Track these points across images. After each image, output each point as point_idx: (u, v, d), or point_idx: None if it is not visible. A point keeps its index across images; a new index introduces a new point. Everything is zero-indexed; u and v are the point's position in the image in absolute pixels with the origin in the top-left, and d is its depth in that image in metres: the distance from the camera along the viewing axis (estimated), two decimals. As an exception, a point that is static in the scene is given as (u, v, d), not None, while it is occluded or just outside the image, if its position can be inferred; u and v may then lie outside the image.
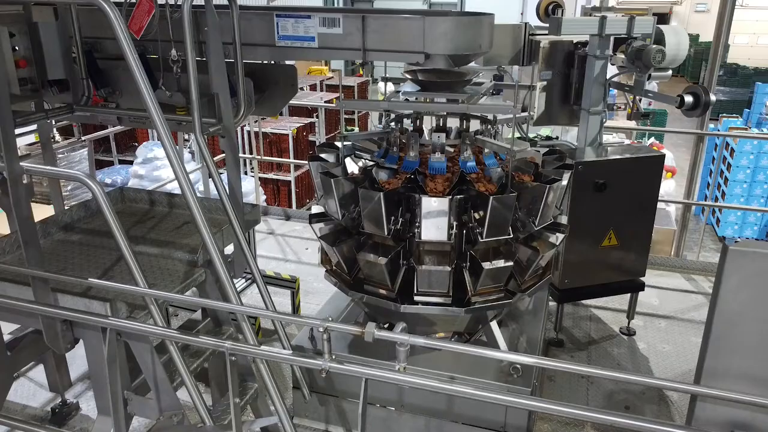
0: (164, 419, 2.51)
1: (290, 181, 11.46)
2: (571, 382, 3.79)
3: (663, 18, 27.34)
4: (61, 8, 3.06)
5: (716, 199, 11.84)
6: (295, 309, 4.32)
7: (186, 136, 12.16)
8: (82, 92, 3.23)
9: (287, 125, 11.65)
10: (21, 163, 2.16)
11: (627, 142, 8.90)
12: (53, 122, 4.25)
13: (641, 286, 4.11)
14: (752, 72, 21.97)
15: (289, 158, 10.98)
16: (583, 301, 4.66)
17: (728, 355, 1.59)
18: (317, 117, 13.36)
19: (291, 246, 5.75)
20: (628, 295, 4.25)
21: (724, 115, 14.60)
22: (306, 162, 11.67)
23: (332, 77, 17.11)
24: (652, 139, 13.82)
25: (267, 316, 2.45)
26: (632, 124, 8.98)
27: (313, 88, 15.73)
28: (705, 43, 29.33)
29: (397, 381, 1.84)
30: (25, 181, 2.15)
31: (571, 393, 3.71)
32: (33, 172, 2.20)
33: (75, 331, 2.48)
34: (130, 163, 11.48)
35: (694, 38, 30.09)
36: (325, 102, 12.89)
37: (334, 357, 1.88)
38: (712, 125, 13.61)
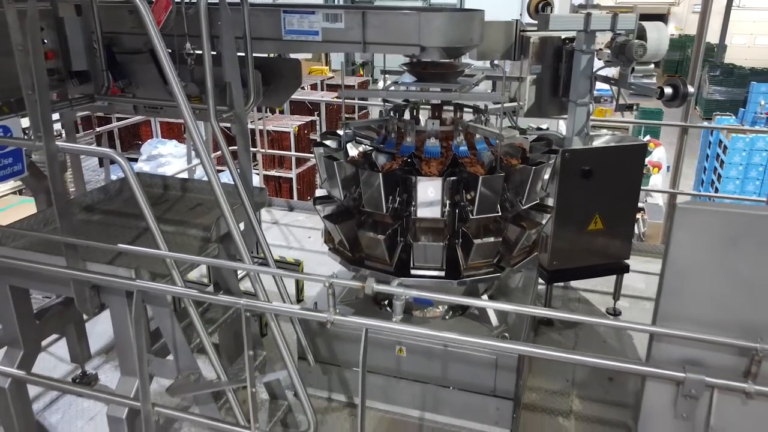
0: (182, 378, 2.75)
1: (292, 178, 11.74)
2: (559, 357, 4.03)
3: (661, 18, 27.55)
4: (84, 5, 3.31)
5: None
6: (299, 290, 4.57)
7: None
8: (102, 83, 3.48)
9: (289, 123, 11.93)
10: (56, 143, 2.41)
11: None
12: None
13: (626, 268, 4.35)
14: (748, 72, 22.21)
15: (292, 158, 11.33)
16: (572, 284, 4.90)
17: (679, 301, 1.83)
18: (318, 115, 13.64)
19: (294, 235, 6.00)
20: (614, 279, 4.49)
21: (718, 113, 14.84)
22: (306, 160, 11.96)
23: (333, 77, 17.41)
24: (648, 137, 14.09)
25: (275, 273, 2.70)
26: (628, 119, 9.24)
27: (314, 87, 16.03)
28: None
29: (394, 330, 2.08)
30: (60, 159, 2.40)
31: (559, 366, 3.94)
32: (67, 150, 2.46)
33: (101, 297, 2.72)
34: (135, 160, 11.74)
35: (691, 39, 30.30)
36: (325, 102, 13.20)
37: (337, 311, 2.12)
38: (706, 123, 13.87)
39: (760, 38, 30.63)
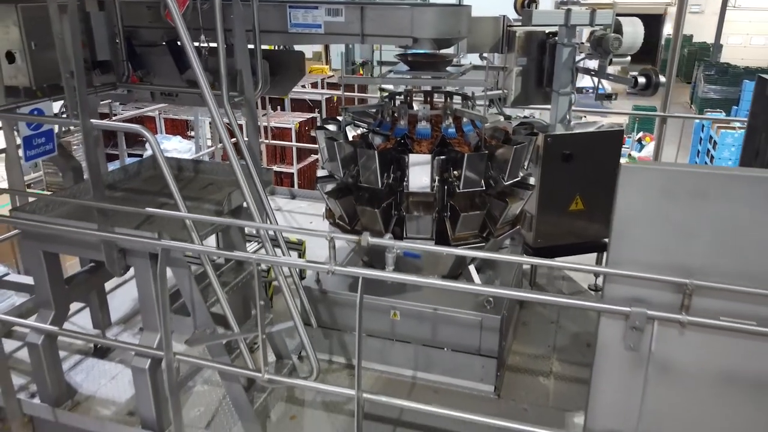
0: (199, 332, 3.09)
1: (293, 173, 12.08)
2: (542, 326, 4.37)
3: (658, 19, 27.86)
4: (107, 0, 3.64)
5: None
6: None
7: (191, 133, 12.83)
8: (123, 72, 3.81)
9: (290, 119, 12.29)
10: (90, 120, 2.74)
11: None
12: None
13: (605, 247, 4.68)
14: (742, 71, 22.50)
15: (292, 151, 11.68)
16: (557, 263, 5.22)
17: (626, 247, 2.16)
18: (318, 112, 13.98)
19: (297, 220, 6.34)
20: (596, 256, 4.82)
21: (708, 110, 15.19)
22: (307, 155, 12.29)
23: (332, 75, 17.76)
24: (641, 133, 14.41)
25: (281, 229, 3.06)
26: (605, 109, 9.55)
27: (314, 85, 16.38)
28: (699, 43, 29.95)
29: (387, 278, 2.41)
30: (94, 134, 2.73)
31: (542, 335, 4.27)
32: (100, 126, 2.80)
33: (127, 260, 3.06)
34: (140, 156, 12.06)
35: (687, 39, 30.64)
36: (326, 99, 13.58)
37: (336, 263, 2.45)
38: (697, 120, 14.22)
39: (755, 38, 30.99)
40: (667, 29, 30.67)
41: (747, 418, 2.16)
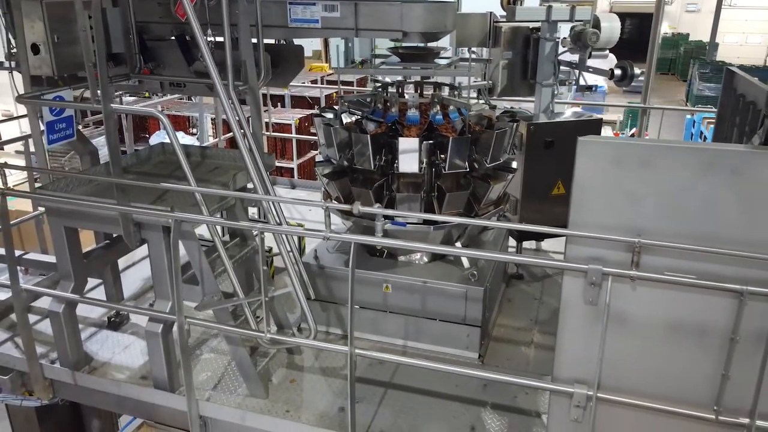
0: (207, 299, 3.39)
1: (293, 168, 12.39)
2: (526, 302, 4.67)
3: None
4: (122, -2, 3.95)
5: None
6: (302, 249, 5.20)
7: (194, 130, 13.17)
8: (135, 64, 4.11)
9: (290, 116, 12.61)
10: (111, 105, 3.05)
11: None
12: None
13: (586, 228, 4.98)
14: (737, 69, 22.67)
15: (293, 148, 11.99)
16: (543, 247, 5.53)
17: (583, 211, 2.46)
18: (318, 108, 14.28)
19: (297, 209, 6.64)
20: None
21: (699, 106, 15.50)
22: (307, 150, 12.59)
23: (332, 73, 18.08)
24: (634, 129, 14.74)
25: (281, 200, 3.35)
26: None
27: (314, 83, 16.69)
28: (695, 42, 30.27)
29: (377, 243, 2.72)
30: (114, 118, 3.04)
31: (525, 310, 4.58)
32: (119, 110, 3.09)
33: (142, 233, 3.36)
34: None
35: (683, 37, 30.97)
36: (325, 96, 13.90)
37: (331, 231, 2.75)
38: (689, 116, 14.55)
39: (752, 37, 31.31)
40: (664, 28, 31.02)
41: (691, 361, 2.47)
